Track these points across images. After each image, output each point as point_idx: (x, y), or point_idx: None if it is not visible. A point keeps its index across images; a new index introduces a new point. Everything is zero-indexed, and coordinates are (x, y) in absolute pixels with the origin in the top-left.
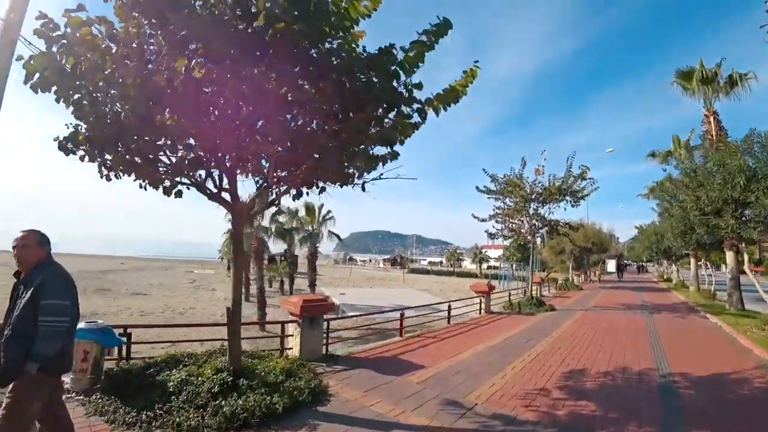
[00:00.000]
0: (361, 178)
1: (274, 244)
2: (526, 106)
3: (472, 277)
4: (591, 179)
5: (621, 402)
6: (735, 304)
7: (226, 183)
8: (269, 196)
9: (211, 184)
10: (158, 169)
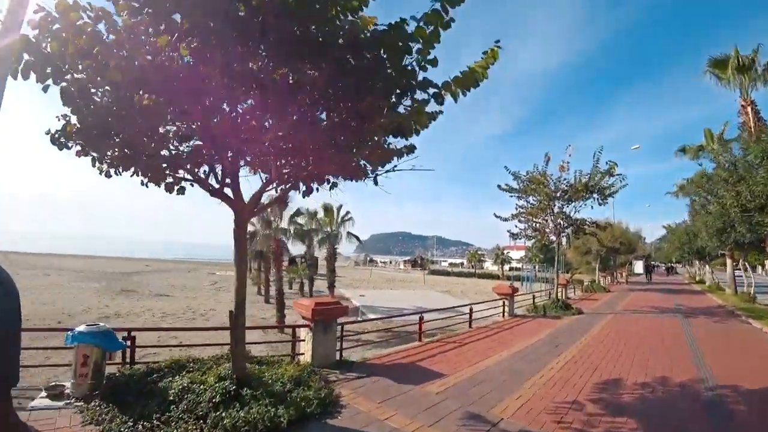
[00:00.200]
0: (374, 172)
1: (293, 246)
2: (547, 105)
3: (493, 278)
4: (620, 175)
5: (664, 419)
6: None
7: (229, 180)
8: (275, 192)
9: (214, 181)
10: (157, 162)
